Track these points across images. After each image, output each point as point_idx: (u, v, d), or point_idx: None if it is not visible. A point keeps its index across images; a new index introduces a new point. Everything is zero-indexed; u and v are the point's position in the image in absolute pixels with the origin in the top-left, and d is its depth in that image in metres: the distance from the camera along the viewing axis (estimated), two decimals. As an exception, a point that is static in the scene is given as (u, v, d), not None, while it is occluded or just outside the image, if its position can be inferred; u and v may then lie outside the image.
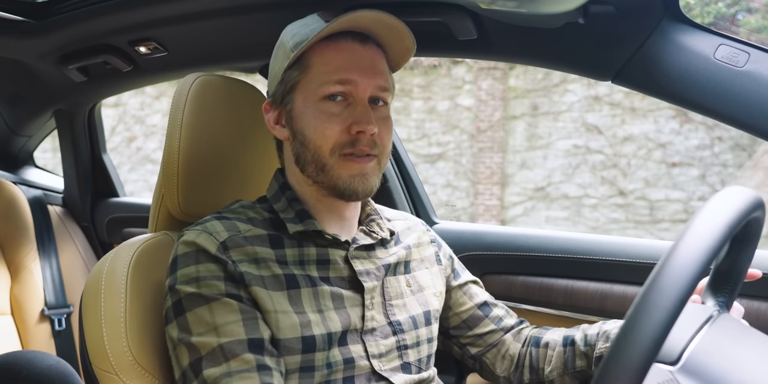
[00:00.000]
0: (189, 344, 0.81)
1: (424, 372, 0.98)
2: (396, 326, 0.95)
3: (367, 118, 0.88)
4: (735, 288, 0.77)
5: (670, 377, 0.59)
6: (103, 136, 2.13)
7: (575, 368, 1.02)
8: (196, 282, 0.83)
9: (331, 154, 0.89)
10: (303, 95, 0.91)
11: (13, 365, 1.27)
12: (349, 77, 0.89)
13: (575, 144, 6.04)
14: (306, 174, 0.93)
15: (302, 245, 0.92)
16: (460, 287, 1.11)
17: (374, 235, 0.99)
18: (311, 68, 0.90)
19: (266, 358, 0.80)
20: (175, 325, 0.83)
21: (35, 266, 1.87)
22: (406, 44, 0.94)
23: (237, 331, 0.81)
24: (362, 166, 0.90)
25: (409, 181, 1.63)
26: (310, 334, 0.85)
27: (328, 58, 0.90)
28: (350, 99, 0.90)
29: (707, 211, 0.57)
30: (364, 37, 0.92)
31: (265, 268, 0.87)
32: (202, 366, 0.79)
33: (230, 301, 0.82)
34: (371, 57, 0.92)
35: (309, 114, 0.90)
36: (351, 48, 0.90)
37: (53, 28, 1.49)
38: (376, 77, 0.91)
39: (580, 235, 1.37)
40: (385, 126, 0.93)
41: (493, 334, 1.10)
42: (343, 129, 0.89)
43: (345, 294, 0.91)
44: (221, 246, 0.86)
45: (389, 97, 0.95)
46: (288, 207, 0.95)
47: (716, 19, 4.98)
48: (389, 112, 0.95)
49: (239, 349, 0.79)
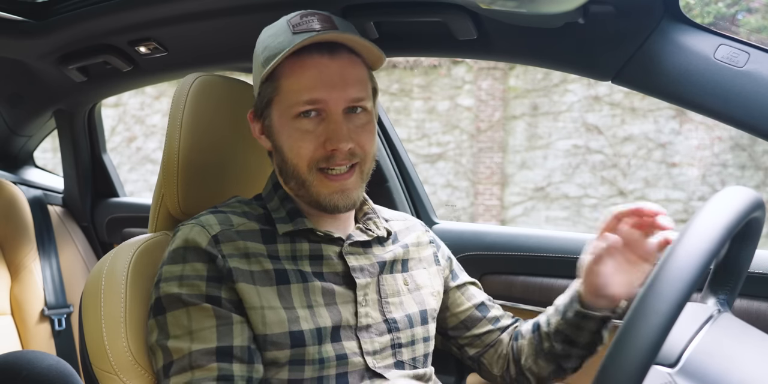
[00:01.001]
0: (165, 348, 0.84)
1: (420, 369, 0.98)
2: (391, 324, 0.95)
3: (339, 135, 0.88)
4: (736, 286, 0.77)
5: (669, 380, 0.59)
6: (103, 136, 2.13)
7: (544, 350, 1.01)
8: (179, 280, 0.85)
9: (309, 170, 0.90)
10: (278, 112, 0.91)
11: (13, 365, 1.27)
12: (317, 97, 0.88)
13: (575, 144, 6.04)
14: (289, 187, 0.95)
15: (295, 241, 0.93)
16: (458, 288, 1.11)
17: (370, 233, 0.99)
18: (281, 88, 0.90)
19: (234, 366, 0.82)
20: (155, 325, 0.86)
21: (35, 266, 1.87)
22: (375, 54, 0.92)
23: (209, 337, 0.83)
24: (342, 184, 0.91)
25: (409, 181, 1.63)
26: (298, 329, 0.86)
27: (296, 77, 0.89)
28: (323, 114, 0.89)
29: (706, 213, 0.57)
30: (333, 47, 0.89)
31: (256, 263, 0.88)
32: (171, 371, 0.83)
33: (207, 306, 0.84)
34: (341, 69, 0.89)
35: (284, 132, 0.91)
36: (318, 64, 0.88)
37: (53, 28, 1.49)
38: (348, 90, 0.89)
39: (580, 235, 1.37)
40: (365, 132, 0.92)
41: (490, 335, 1.10)
42: (318, 145, 0.89)
43: (337, 290, 0.92)
44: (213, 239, 0.87)
45: (368, 102, 0.93)
46: (280, 206, 0.96)
47: (716, 19, 4.98)
48: (369, 117, 0.93)
49: (205, 360, 0.82)
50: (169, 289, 0.85)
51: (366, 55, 0.93)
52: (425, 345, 1.00)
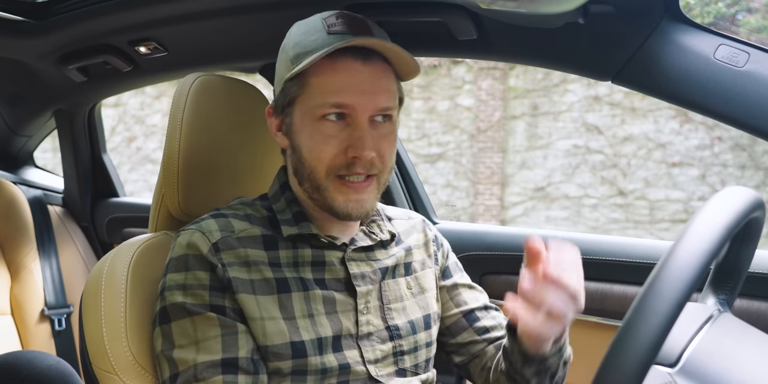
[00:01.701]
0: (170, 359, 0.84)
1: (422, 375, 0.97)
2: (393, 331, 0.94)
3: (364, 143, 0.86)
4: (736, 286, 0.77)
5: (669, 379, 0.59)
6: (103, 136, 2.13)
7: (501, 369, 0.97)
8: (183, 290, 0.85)
9: (327, 175, 0.88)
10: (301, 111, 0.89)
11: (13, 365, 1.27)
12: (345, 101, 0.86)
13: (575, 144, 6.04)
14: (303, 188, 0.93)
15: (297, 247, 0.92)
16: (448, 291, 1.08)
17: (374, 237, 0.98)
18: (309, 87, 0.87)
19: (239, 378, 0.82)
20: (160, 333, 0.85)
21: (35, 266, 1.87)
22: (411, 66, 0.91)
23: (215, 348, 0.82)
24: (358, 192, 0.89)
25: (409, 181, 1.63)
26: (299, 339, 0.85)
27: (326, 78, 0.86)
28: (349, 119, 0.87)
29: (706, 213, 0.57)
30: (367, 53, 0.87)
31: (257, 271, 0.87)
32: (177, 382, 0.82)
33: (212, 316, 0.84)
34: (372, 76, 0.87)
35: (306, 132, 0.88)
36: (351, 68, 0.86)
37: (53, 28, 1.49)
38: (377, 98, 0.87)
39: (580, 235, 1.37)
40: (387, 142, 0.90)
41: (475, 345, 1.06)
42: (340, 151, 0.87)
43: (338, 298, 0.90)
44: (213, 247, 0.86)
45: (394, 111, 0.91)
46: (286, 208, 0.95)
47: (716, 19, 4.99)
48: (393, 127, 0.92)
49: (210, 373, 0.81)
50: (174, 298, 0.85)
51: (400, 66, 0.91)
52: (427, 350, 0.99)
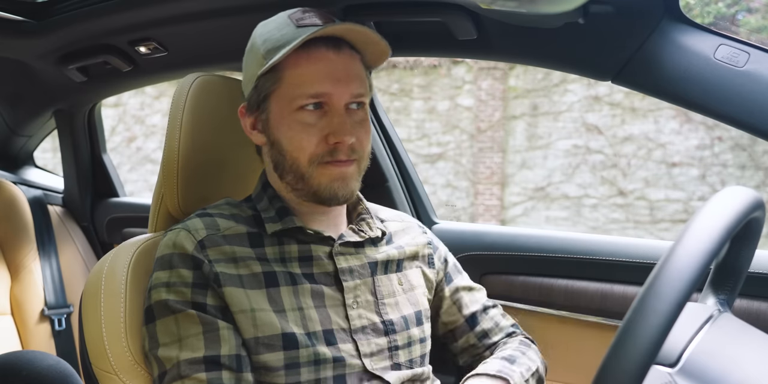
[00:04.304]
0: (156, 357, 0.85)
1: (417, 369, 0.97)
2: (389, 326, 0.95)
3: (344, 128, 0.88)
4: (736, 286, 0.77)
5: (669, 379, 0.59)
6: (103, 136, 2.13)
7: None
8: (166, 287, 0.86)
9: (310, 164, 0.89)
10: (278, 105, 0.90)
11: (13, 365, 1.27)
12: (323, 90, 0.88)
13: (575, 144, 6.03)
14: (285, 181, 0.94)
15: (282, 243, 0.93)
16: (451, 296, 1.09)
17: (362, 234, 0.99)
18: (284, 80, 0.89)
19: (224, 374, 0.82)
20: (146, 332, 0.87)
21: (35, 266, 1.87)
22: (381, 47, 0.93)
23: (197, 345, 0.83)
24: (342, 171, 0.90)
25: (409, 181, 1.63)
26: (290, 331, 0.86)
27: (302, 69, 0.88)
28: (326, 108, 0.89)
29: (706, 213, 0.57)
30: (337, 43, 0.90)
31: (244, 266, 0.88)
32: (164, 381, 0.84)
33: (192, 313, 0.84)
34: (345, 65, 0.90)
35: (285, 125, 0.90)
36: (325, 58, 0.89)
37: (53, 28, 1.49)
38: (351, 85, 0.90)
39: (580, 235, 1.37)
40: (363, 129, 0.93)
41: (475, 349, 1.09)
42: (320, 139, 0.89)
43: (326, 292, 0.91)
44: (199, 245, 0.87)
45: (366, 98, 0.94)
46: (269, 206, 0.95)
47: (716, 19, 4.98)
48: (366, 114, 0.95)
49: (193, 370, 0.82)
50: (158, 296, 0.86)
51: (371, 50, 0.93)
52: (422, 346, 1.00)
